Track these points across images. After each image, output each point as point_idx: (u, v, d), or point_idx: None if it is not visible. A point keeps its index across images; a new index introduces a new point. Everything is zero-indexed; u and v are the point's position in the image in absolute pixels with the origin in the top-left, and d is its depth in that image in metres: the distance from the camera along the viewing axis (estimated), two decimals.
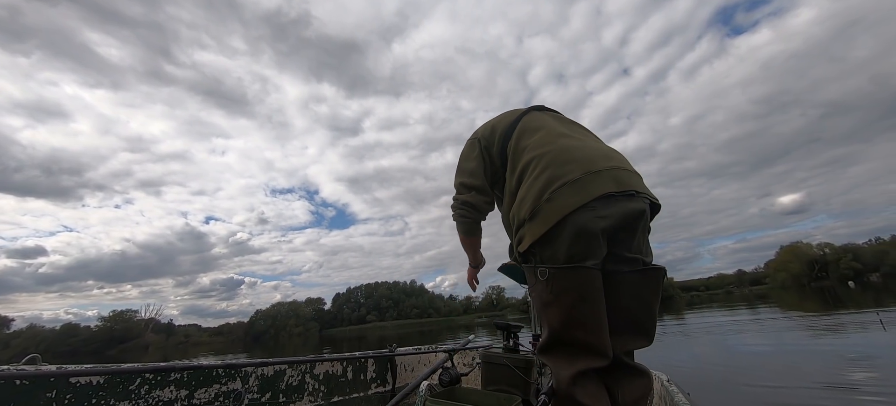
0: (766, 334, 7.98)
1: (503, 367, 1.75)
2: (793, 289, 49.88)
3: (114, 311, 74.47)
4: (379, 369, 2.70)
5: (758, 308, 16.29)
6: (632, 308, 1.00)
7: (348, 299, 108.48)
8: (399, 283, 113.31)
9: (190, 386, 1.89)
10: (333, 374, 2.45)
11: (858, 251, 58.54)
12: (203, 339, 79.22)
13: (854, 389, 3.31)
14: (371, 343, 20.46)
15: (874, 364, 4.15)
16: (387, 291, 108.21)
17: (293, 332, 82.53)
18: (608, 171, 0.99)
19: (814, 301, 17.46)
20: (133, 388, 1.75)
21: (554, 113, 1.31)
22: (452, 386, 1.68)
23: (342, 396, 2.47)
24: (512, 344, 1.94)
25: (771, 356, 5.56)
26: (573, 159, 1.01)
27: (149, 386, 1.79)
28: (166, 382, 1.83)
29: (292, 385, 2.25)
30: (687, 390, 1.57)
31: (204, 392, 1.92)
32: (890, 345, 5.14)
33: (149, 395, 1.78)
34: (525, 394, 1.68)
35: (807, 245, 66.25)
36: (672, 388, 1.59)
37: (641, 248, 1.02)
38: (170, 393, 1.83)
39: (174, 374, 1.85)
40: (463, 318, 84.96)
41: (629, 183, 0.99)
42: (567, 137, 1.12)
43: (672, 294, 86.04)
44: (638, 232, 0.99)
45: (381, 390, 2.67)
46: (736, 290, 77.69)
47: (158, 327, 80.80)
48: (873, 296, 16.39)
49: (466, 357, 2.87)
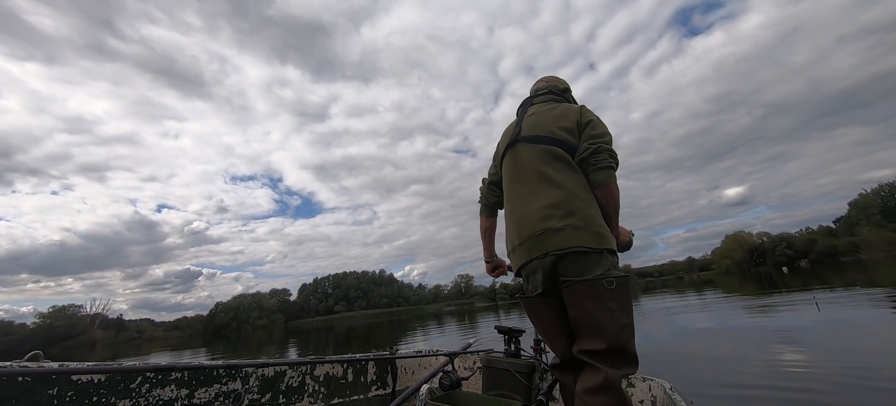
0: (709, 315, 8.75)
1: (504, 372, 1.75)
2: (735, 274, 54.26)
3: (54, 307, 68.78)
4: (379, 372, 2.70)
5: (704, 292, 17.75)
6: (576, 316, 1.26)
7: (315, 290, 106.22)
8: (368, 273, 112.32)
9: (190, 385, 1.89)
10: (334, 375, 2.45)
11: (791, 240, 64.38)
12: (157, 335, 74.85)
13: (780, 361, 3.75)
14: (339, 334, 20.18)
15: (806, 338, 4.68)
16: (355, 281, 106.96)
17: (257, 324, 79.89)
18: (520, 245, 1.38)
19: (752, 285, 19.19)
20: (134, 387, 1.75)
21: (526, 146, 1.50)
22: (453, 390, 1.69)
23: (342, 398, 2.46)
24: (513, 348, 1.92)
25: (711, 332, 6.15)
26: (511, 228, 1.46)
27: (150, 385, 1.79)
28: (167, 381, 1.83)
29: (292, 386, 2.25)
30: (690, 399, 1.54)
31: (204, 392, 1.93)
32: (824, 321, 5.81)
33: (150, 393, 1.78)
34: (526, 399, 1.67)
35: (748, 234, 72.37)
36: (675, 396, 1.58)
37: (569, 273, 1.27)
38: (170, 392, 1.84)
39: (175, 374, 1.85)
40: (432, 307, 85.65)
41: (534, 252, 1.33)
42: (513, 201, 1.48)
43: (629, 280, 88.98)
44: (552, 273, 1.32)
45: (381, 393, 2.65)
46: (686, 275, 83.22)
47: (106, 323, 75.56)
48: (801, 280, 18.25)
49: (467, 361, 2.84)
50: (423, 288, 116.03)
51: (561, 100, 1.64)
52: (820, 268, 29.02)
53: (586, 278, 1.22)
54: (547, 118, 1.48)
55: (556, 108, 1.52)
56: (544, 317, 1.38)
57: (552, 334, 1.38)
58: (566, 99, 1.67)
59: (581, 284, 1.23)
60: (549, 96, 1.63)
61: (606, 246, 1.28)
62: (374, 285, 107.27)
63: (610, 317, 1.20)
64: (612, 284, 1.21)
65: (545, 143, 1.43)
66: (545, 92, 1.65)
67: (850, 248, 53.15)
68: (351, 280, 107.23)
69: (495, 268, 1.83)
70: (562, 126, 1.43)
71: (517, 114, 1.65)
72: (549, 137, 1.43)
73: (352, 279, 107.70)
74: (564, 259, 1.26)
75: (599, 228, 1.29)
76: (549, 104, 1.58)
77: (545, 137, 1.43)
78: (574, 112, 1.46)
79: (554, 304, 1.34)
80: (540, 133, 1.46)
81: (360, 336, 15.77)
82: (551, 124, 1.45)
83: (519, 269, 1.42)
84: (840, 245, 55.08)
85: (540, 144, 1.44)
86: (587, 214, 1.30)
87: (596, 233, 1.27)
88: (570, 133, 1.41)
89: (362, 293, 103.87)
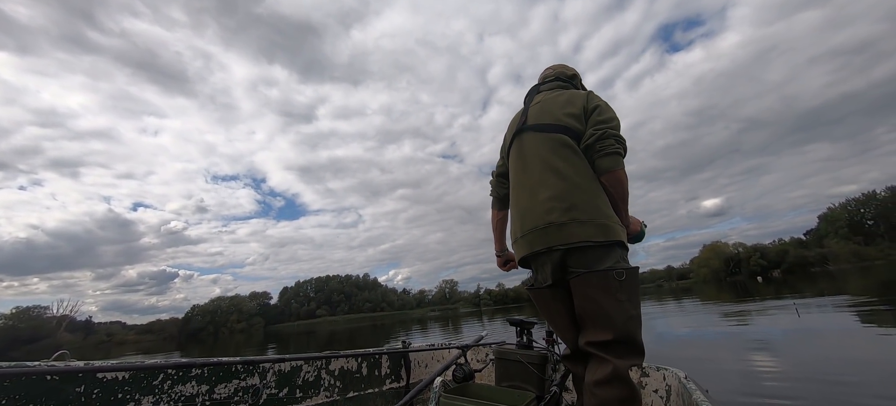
0: (687, 321, 8.96)
1: (517, 364, 1.76)
2: (712, 282, 56.03)
3: (17, 308, 65.14)
4: (393, 365, 2.74)
5: (682, 300, 18.21)
6: (583, 306, 1.25)
7: (297, 293, 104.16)
8: (351, 277, 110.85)
9: (210, 381, 1.93)
10: (348, 369, 2.50)
11: (765, 250, 66.63)
12: (129, 338, 71.23)
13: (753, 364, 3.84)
14: (321, 338, 19.85)
15: (782, 345, 4.82)
16: (338, 285, 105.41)
17: (235, 328, 77.81)
18: (523, 237, 1.37)
19: (728, 293, 19.99)
20: (156, 383, 1.79)
21: (532, 134, 1.46)
22: (466, 382, 1.72)
23: (357, 392, 2.50)
24: (525, 340, 1.93)
25: (689, 338, 6.27)
26: (515, 220, 1.45)
27: (171, 381, 1.83)
28: (188, 378, 1.88)
29: (308, 380, 2.29)
30: (705, 388, 1.55)
31: (224, 387, 1.97)
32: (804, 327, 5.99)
33: (171, 390, 1.83)
34: (539, 390, 1.68)
35: (724, 244, 74.37)
36: (690, 385, 1.58)
37: (578, 265, 1.25)
38: (191, 388, 1.88)
39: (195, 370, 1.90)
40: (416, 312, 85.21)
41: (536, 245, 1.32)
42: (517, 191, 1.46)
43: None
44: (556, 265, 1.30)
45: (395, 386, 2.70)
46: (665, 284, 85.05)
47: (74, 325, 72.04)
48: (775, 289, 18.94)
49: (480, 353, 2.90)
50: (407, 293, 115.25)
51: (568, 86, 1.59)
52: (792, 278, 30.19)
53: (596, 270, 1.21)
54: (553, 105, 1.44)
55: (562, 94, 1.47)
56: (554, 308, 1.38)
57: (562, 325, 1.38)
58: (574, 85, 1.62)
59: (590, 276, 1.22)
60: (556, 83, 1.59)
61: (614, 238, 1.24)
62: (358, 289, 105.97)
63: (618, 307, 1.19)
64: (621, 276, 1.20)
65: (551, 131, 1.39)
66: (552, 78, 1.61)
67: (820, 259, 55.28)
68: (334, 284, 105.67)
69: (506, 262, 1.80)
70: (568, 112, 1.38)
71: (524, 102, 1.61)
72: (555, 125, 1.39)
73: (335, 283, 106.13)
74: (574, 253, 1.25)
75: (606, 220, 1.26)
76: (555, 91, 1.53)
77: (551, 125, 1.39)
78: (581, 98, 1.42)
79: (563, 296, 1.33)
80: (546, 121, 1.42)
81: (342, 340, 15.55)
82: (557, 111, 1.41)
83: (525, 259, 1.42)
84: (810, 256, 57.20)
85: (545, 132, 1.40)
86: (592, 206, 1.26)
87: (602, 226, 1.24)
88: (576, 119, 1.37)
89: (345, 297, 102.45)
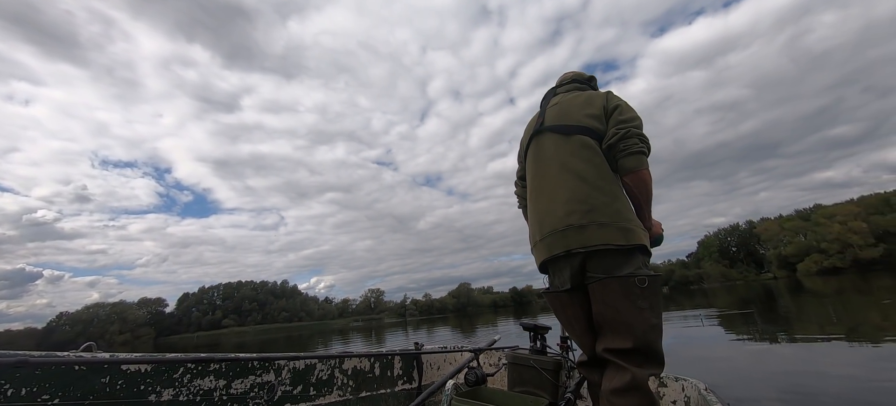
0: None
1: (530, 369, 1.71)
2: None
3: None
4: (405, 367, 2.76)
5: None
6: (602, 313, 1.22)
7: (200, 300, 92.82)
8: (267, 284, 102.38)
9: (227, 376, 1.98)
10: (361, 369, 2.52)
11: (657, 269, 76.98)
12: None
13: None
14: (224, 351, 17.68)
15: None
16: (251, 292, 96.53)
17: (115, 339, 66.56)
18: (542, 241, 1.33)
19: None
20: (177, 377, 1.84)
21: (550, 136, 1.44)
22: (478, 386, 1.70)
23: (369, 392, 2.53)
24: (539, 345, 1.89)
25: None
26: (532, 223, 1.42)
27: (191, 375, 1.88)
28: (206, 372, 1.92)
29: (322, 379, 2.32)
30: (727, 401, 1.51)
31: (240, 382, 2.02)
32: (709, 336, 6.80)
33: (191, 383, 1.87)
34: (553, 397, 1.63)
35: None
36: (710, 397, 1.55)
37: (597, 269, 1.23)
38: (209, 382, 1.92)
39: (214, 365, 1.94)
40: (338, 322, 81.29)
41: (555, 248, 1.28)
42: (535, 194, 1.43)
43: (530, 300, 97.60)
44: (575, 269, 1.27)
45: (407, 388, 2.73)
46: None
47: None
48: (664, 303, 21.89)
49: (492, 357, 2.89)
50: (329, 302, 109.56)
51: (586, 88, 1.57)
52: (676, 293, 35.21)
53: (616, 276, 1.18)
54: (572, 106, 1.41)
55: (580, 95, 1.45)
56: (571, 313, 1.34)
57: (578, 331, 1.34)
58: (591, 87, 1.59)
59: (611, 281, 1.19)
60: (573, 85, 1.56)
61: (635, 242, 1.20)
62: (274, 297, 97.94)
63: (639, 316, 1.16)
64: (644, 283, 1.17)
65: (571, 132, 1.36)
66: (570, 81, 1.59)
67: (697, 278, 65.40)
68: (246, 290, 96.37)
69: None
70: (588, 113, 1.35)
71: (541, 105, 1.58)
72: (575, 126, 1.35)
73: (247, 289, 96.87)
74: (593, 257, 1.22)
75: (627, 223, 1.22)
76: (573, 92, 1.50)
77: (571, 126, 1.36)
78: (600, 97, 1.39)
79: (581, 301, 1.30)
80: (565, 122, 1.39)
81: None
82: (576, 112, 1.38)
83: (543, 264, 1.39)
84: (690, 275, 67.38)
85: (564, 134, 1.37)
86: (612, 209, 1.23)
87: (623, 229, 1.21)
88: (596, 120, 1.34)
89: (258, 306, 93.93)
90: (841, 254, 44.75)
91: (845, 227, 45.15)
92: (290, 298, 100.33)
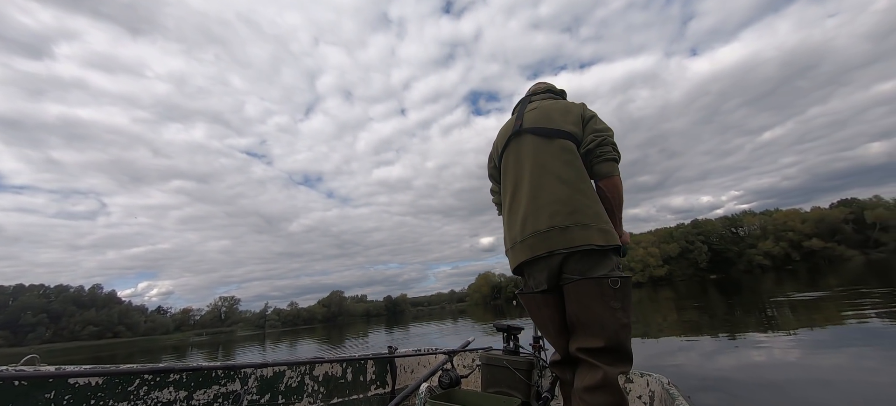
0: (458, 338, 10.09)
1: (504, 369, 1.75)
2: (481, 305, 68.29)
3: None
4: (378, 371, 2.71)
5: (458, 319, 21.56)
6: (576, 313, 1.26)
7: None
8: (68, 289, 78.77)
9: (189, 387, 1.89)
10: (333, 375, 2.46)
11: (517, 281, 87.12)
12: None
13: None
14: None
15: None
16: (39, 300, 72.58)
17: None
18: (522, 242, 1.36)
19: (491, 314, 25.65)
20: (132, 390, 1.75)
21: (530, 138, 1.47)
22: (452, 388, 1.72)
23: (342, 398, 2.47)
24: (512, 346, 1.92)
25: None
26: (511, 225, 1.44)
27: (148, 387, 1.79)
28: (165, 383, 1.83)
29: (292, 386, 2.25)
30: (687, 394, 1.57)
31: (203, 393, 1.93)
32: None
33: (148, 396, 1.78)
34: (526, 396, 1.68)
35: (493, 274, 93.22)
36: (673, 391, 1.61)
37: (574, 271, 1.27)
38: (169, 394, 1.84)
39: (173, 375, 1.85)
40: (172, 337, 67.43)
41: (537, 249, 1.31)
42: (514, 196, 1.45)
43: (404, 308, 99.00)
44: (553, 271, 1.31)
45: (380, 392, 2.67)
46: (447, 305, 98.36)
47: None
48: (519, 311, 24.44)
49: (466, 359, 2.92)
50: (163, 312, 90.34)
51: (560, 98, 1.65)
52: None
53: (591, 277, 1.24)
54: (552, 111, 1.47)
55: (558, 102, 1.53)
56: (545, 314, 1.38)
57: (553, 331, 1.38)
58: (564, 98, 1.68)
59: (584, 282, 1.24)
60: (548, 94, 1.64)
61: (612, 243, 1.27)
62: (78, 307, 75.65)
63: (611, 316, 1.21)
64: (616, 284, 1.22)
65: (553, 136, 1.42)
66: (544, 90, 1.66)
67: None
68: (30, 298, 72.02)
69: None
70: (568, 119, 1.43)
71: (514, 112, 1.65)
72: (557, 130, 1.42)
73: (33, 296, 72.55)
74: (571, 258, 1.27)
75: (605, 225, 1.29)
76: (550, 100, 1.57)
77: (553, 130, 1.43)
78: (577, 107, 1.48)
79: (555, 301, 1.35)
80: (547, 125, 1.44)
81: None
82: (558, 117, 1.45)
83: (519, 266, 1.41)
84: None
85: (547, 137, 1.43)
86: (593, 211, 1.30)
87: (602, 230, 1.27)
88: (575, 126, 1.41)
89: (51, 318, 71.10)
90: (642, 272, 60.02)
91: (646, 251, 61.48)
92: (102, 308, 78.69)
